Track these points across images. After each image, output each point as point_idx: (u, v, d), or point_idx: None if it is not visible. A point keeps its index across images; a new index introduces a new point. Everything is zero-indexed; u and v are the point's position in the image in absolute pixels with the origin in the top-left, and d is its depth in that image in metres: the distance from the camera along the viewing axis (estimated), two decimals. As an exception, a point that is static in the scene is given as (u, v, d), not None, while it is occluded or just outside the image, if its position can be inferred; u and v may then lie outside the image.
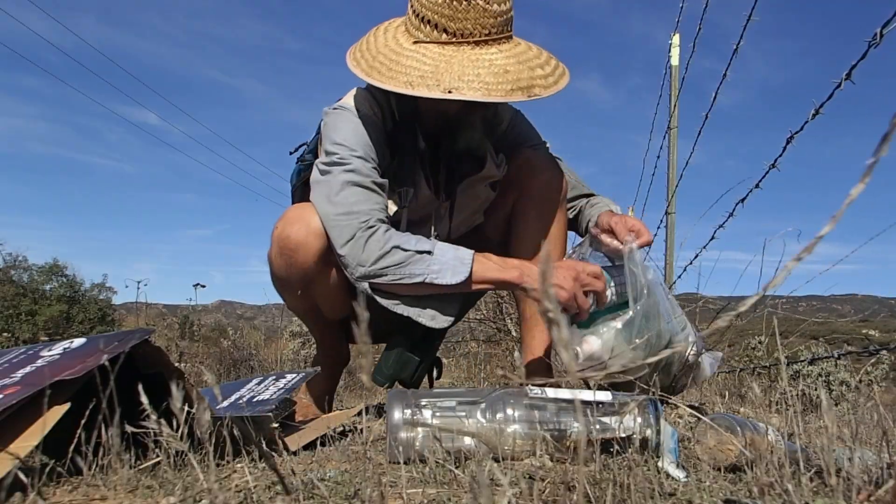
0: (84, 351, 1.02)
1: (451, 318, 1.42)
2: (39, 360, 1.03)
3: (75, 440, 0.85)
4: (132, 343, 0.97)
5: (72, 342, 1.10)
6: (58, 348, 1.08)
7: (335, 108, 1.44)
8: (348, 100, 1.44)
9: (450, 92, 1.22)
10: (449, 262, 1.32)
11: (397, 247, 1.31)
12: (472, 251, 1.35)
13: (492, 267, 1.34)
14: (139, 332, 1.02)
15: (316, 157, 1.49)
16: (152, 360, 1.02)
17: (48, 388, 0.83)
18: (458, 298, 1.43)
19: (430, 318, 1.40)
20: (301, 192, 1.62)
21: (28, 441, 0.81)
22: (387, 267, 1.31)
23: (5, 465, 0.75)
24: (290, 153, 1.72)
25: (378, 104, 1.44)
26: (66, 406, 0.85)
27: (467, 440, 0.99)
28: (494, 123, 1.58)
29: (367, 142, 1.38)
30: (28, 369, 0.99)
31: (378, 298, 1.37)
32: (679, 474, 0.86)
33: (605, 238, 1.43)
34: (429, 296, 1.39)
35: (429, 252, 1.32)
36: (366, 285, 1.34)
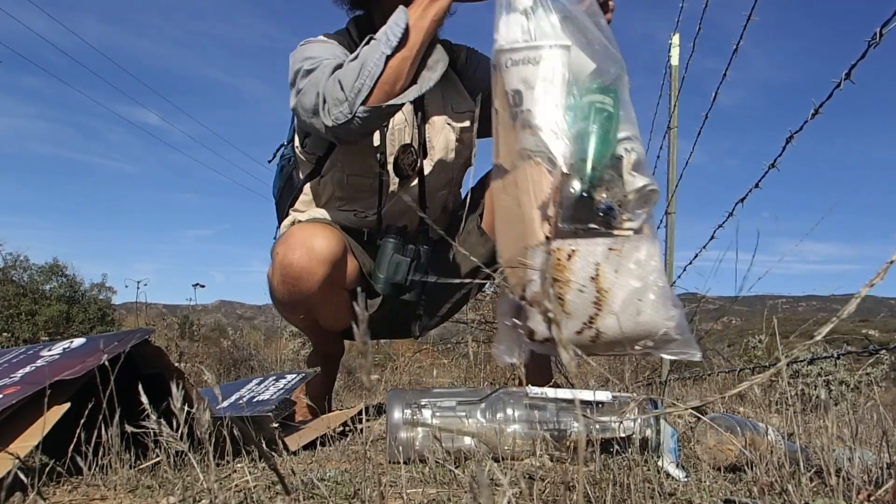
0: (84, 351, 1.02)
1: (438, 75, 1.31)
2: (39, 360, 1.03)
3: (75, 440, 0.85)
4: (132, 343, 0.97)
5: (72, 342, 1.10)
6: (58, 348, 1.08)
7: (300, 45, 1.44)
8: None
9: None
10: (386, 26, 1.25)
11: (339, 66, 1.26)
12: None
13: None
14: (139, 332, 1.02)
15: (293, 146, 1.51)
16: (152, 360, 1.02)
17: (48, 388, 0.83)
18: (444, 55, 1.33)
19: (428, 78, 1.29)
20: (287, 190, 1.59)
21: (28, 441, 0.81)
22: (354, 83, 1.24)
23: (5, 465, 0.75)
24: (269, 161, 1.67)
25: (340, 35, 1.47)
26: (66, 406, 0.85)
27: (467, 440, 0.99)
28: (452, 49, 1.53)
29: (336, 53, 1.37)
30: (28, 369, 0.99)
31: (384, 108, 1.25)
32: (679, 474, 0.86)
33: None
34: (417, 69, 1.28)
35: (366, 43, 1.27)
36: (363, 110, 1.24)
